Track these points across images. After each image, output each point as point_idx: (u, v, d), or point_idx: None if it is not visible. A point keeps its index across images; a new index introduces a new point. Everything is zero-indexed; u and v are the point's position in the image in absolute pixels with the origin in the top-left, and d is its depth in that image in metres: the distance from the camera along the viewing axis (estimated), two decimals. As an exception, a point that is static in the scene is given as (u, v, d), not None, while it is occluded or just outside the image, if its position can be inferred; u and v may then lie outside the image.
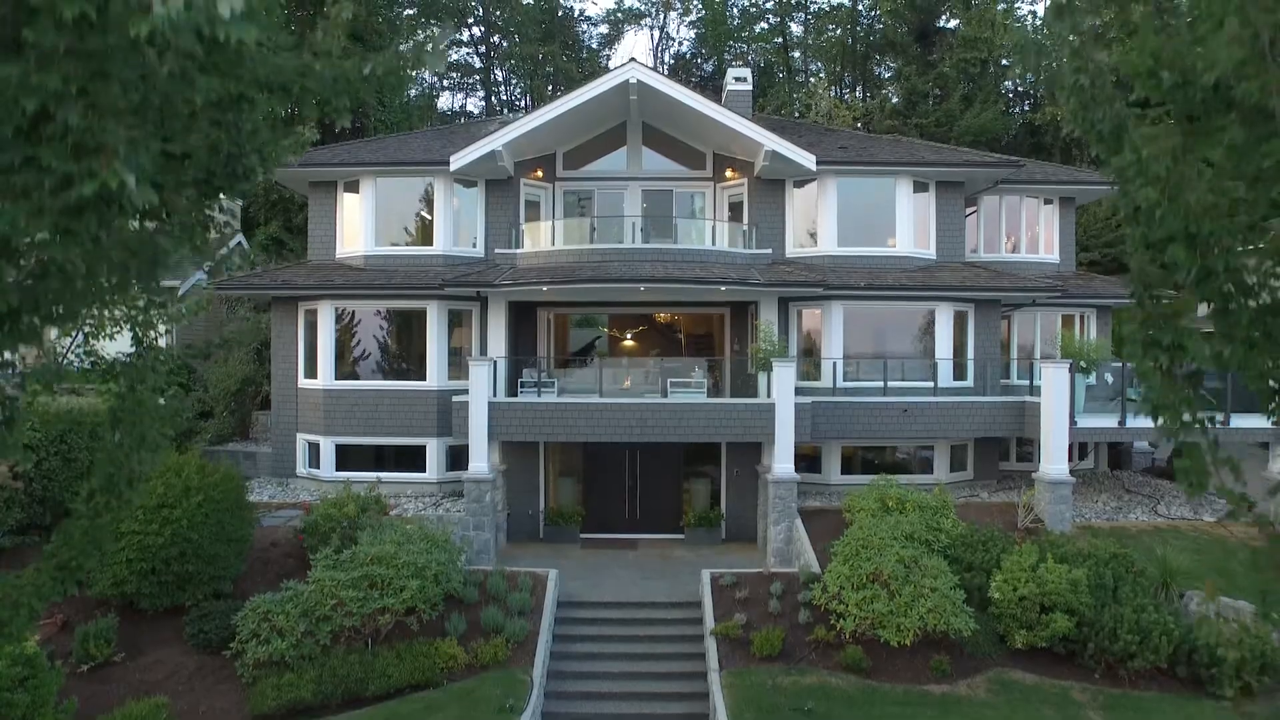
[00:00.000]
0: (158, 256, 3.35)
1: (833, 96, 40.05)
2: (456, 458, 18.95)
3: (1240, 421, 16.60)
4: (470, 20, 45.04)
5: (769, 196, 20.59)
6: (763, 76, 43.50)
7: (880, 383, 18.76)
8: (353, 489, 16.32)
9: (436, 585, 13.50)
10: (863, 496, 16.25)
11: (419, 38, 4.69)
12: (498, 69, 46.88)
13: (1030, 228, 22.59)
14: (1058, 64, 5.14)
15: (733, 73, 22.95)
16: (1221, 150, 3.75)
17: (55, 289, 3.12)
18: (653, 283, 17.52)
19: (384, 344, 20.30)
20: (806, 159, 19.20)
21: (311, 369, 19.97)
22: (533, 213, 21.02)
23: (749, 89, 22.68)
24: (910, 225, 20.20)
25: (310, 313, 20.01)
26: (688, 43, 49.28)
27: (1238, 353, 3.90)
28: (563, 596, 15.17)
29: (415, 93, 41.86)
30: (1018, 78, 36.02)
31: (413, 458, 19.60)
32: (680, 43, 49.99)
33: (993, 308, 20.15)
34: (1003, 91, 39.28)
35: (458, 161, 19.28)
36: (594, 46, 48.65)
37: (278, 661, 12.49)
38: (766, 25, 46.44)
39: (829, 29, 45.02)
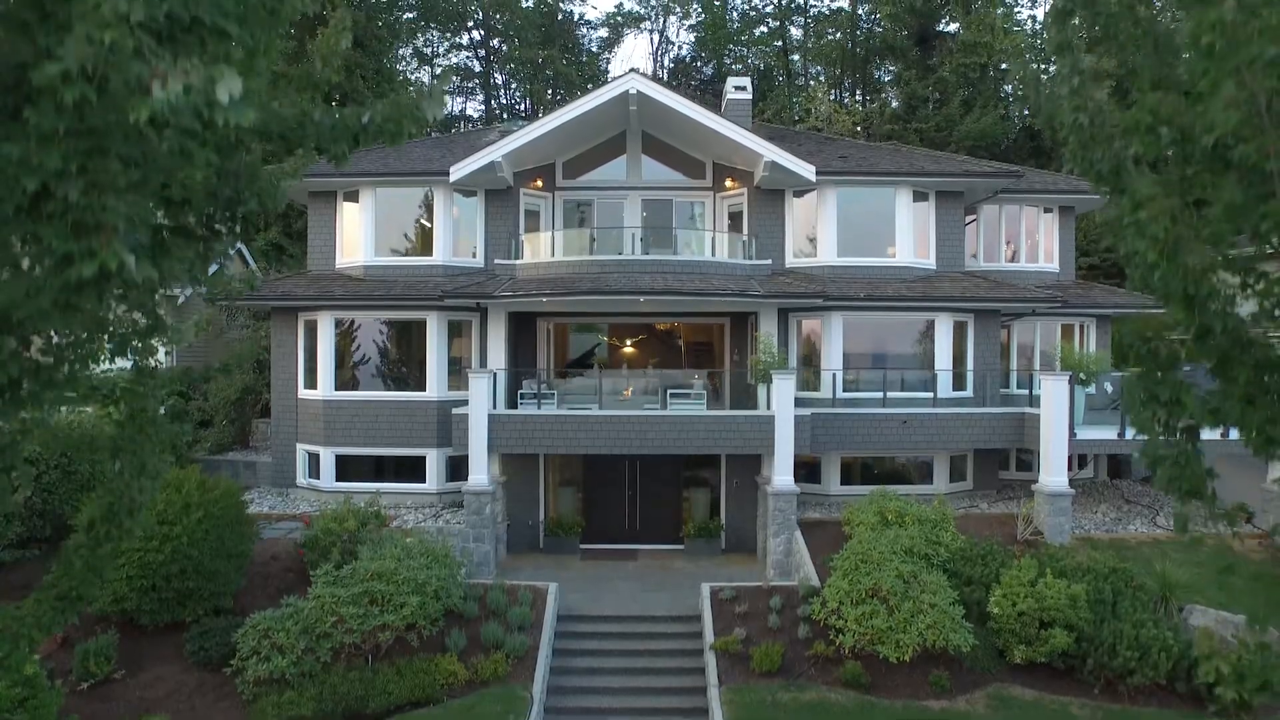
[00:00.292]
0: (157, 325, 3.36)
1: (832, 100, 40.03)
2: (456, 468, 18.94)
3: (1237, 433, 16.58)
4: (470, 24, 45.03)
5: (769, 206, 20.57)
6: (762, 80, 43.46)
7: (880, 393, 18.77)
8: (353, 502, 16.33)
9: (437, 601, 13.52)
10: (862, 509, 16.27)
11: (418, 86, 4.70)
12: (497, 73, 46.87)
13: (1030, 236, 22.58)
14: (1055, 90, 5.14)
15: (732, 81, 22.92)
16: (1220, 209, 3.76)
17: (52, 364, 3.13)
18: (652, 295, 17.54)
19: (384, 354, 20.31)
20: (806, 170, 19.19)
21: (311, 380, 19.98)
22: (532, 222, 21.01)
23: (748, 98, 22.64)
24: (910, 235, 20.20)
25: (310, 323, 20.01)
26: (687, 46, 49.30)
27: (1235, 409, 3.91)
28: (563, 610, 15.18)
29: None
30: (1018, 81, 36.00)
31: (413, 468, 19.61)
32: (680, 46, 50.00)
33: (992, 318, 20.15)
34: (1002, 96, 39.25)
35: (457, 172, 19.27)
36: (594, 50, 48.63)
37: (278, 679, 12.50)
38: (766, 29, 46.42)
39: (828, 33, 45.00)
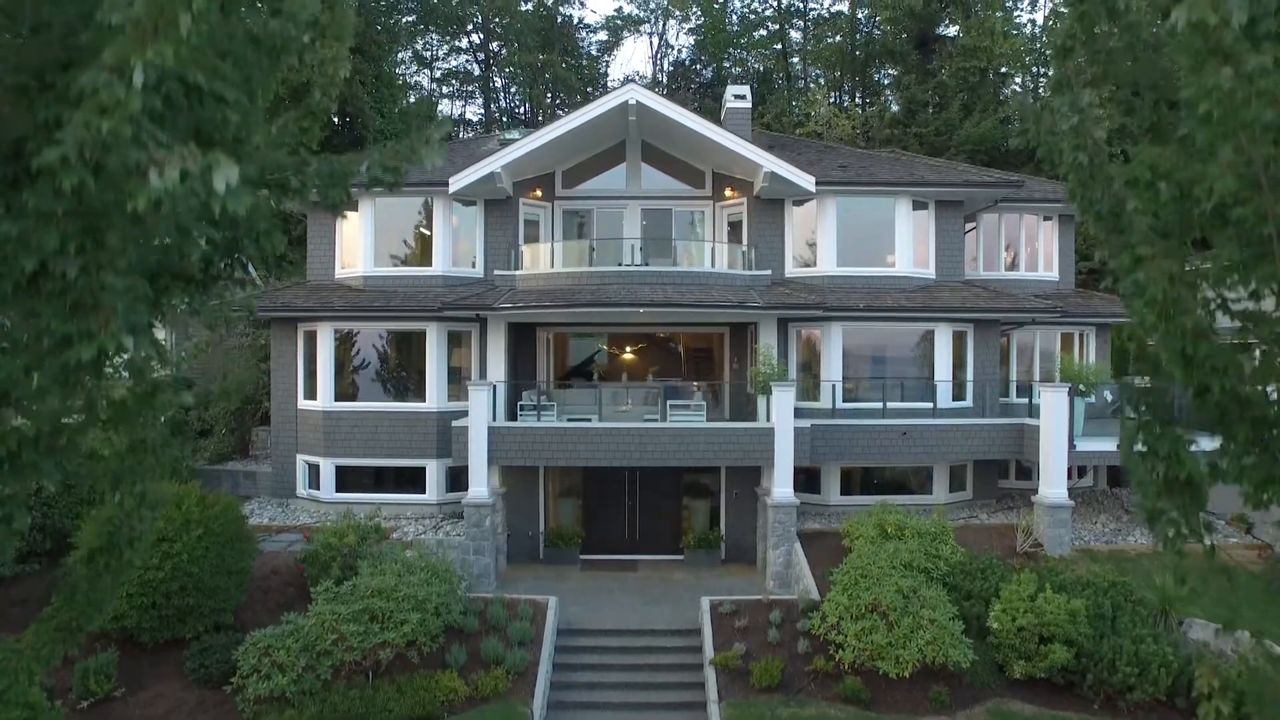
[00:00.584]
0: (156, 392, 3.36)
1: (832, 104, 39.99)
2: (457, 479, 18.93)
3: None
4: (469, 27, 44.98)
5: (768, 215, 20.56)
6: (762, 83, 43.37)
7: (879, 404, 18.77)
8: (353, 515, 16.35)
9: (437, 617, 13.53)
10: (862, 523, 16.28)
11: (416, 134, 4.70)
12: (496, 77, 46.81)
13: (1030, 244, 22.56)
14: (1055, 126, 5.15)
15: (732, 90, 22.91)
16: (1216, 269, 3.77)
17: (49, 436, 3.14)
18: (652, 307, 17.53)
19: (383, 365, 20.31)
20: (806, 180, 19.18)
21: (311, 390, 19.98)
22: (532, 231, 21.00)
23: (748, 106, 22.64)
24: (909, 244, 20.19)
25: (310, 334, 20.01)
26: (687, 50, 49.17)
27: (1234, 466, 3.92)
28: (563, 624, 15.19)
29: (414, 99, 41.80)
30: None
31: (413, 479, 19.61)
32: (679, 50, 49.88)
33: (992, 327, 20.15)
34: (1001, 100, 39.20)
35: (457, 183, 19.26)
36: (593, 54, 48.52)
37: (279, 697, 12.50)
38: (765, 32, 46.30)
39: (828, 36, 44.93)
